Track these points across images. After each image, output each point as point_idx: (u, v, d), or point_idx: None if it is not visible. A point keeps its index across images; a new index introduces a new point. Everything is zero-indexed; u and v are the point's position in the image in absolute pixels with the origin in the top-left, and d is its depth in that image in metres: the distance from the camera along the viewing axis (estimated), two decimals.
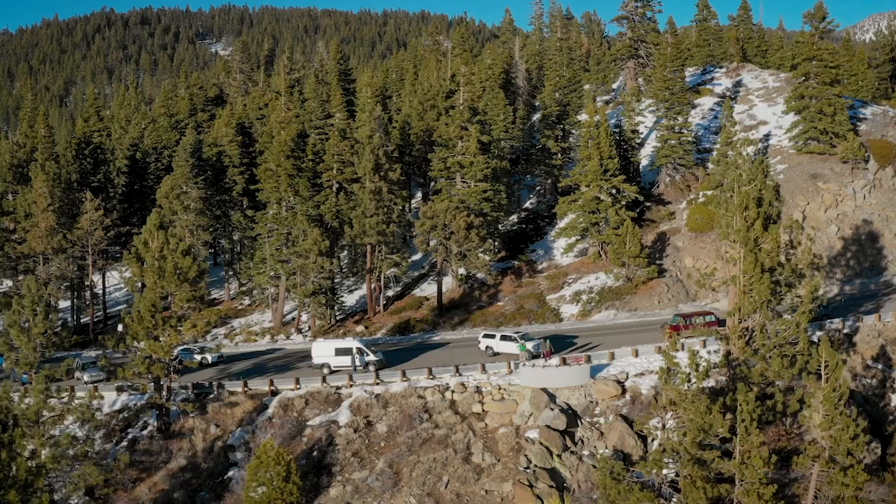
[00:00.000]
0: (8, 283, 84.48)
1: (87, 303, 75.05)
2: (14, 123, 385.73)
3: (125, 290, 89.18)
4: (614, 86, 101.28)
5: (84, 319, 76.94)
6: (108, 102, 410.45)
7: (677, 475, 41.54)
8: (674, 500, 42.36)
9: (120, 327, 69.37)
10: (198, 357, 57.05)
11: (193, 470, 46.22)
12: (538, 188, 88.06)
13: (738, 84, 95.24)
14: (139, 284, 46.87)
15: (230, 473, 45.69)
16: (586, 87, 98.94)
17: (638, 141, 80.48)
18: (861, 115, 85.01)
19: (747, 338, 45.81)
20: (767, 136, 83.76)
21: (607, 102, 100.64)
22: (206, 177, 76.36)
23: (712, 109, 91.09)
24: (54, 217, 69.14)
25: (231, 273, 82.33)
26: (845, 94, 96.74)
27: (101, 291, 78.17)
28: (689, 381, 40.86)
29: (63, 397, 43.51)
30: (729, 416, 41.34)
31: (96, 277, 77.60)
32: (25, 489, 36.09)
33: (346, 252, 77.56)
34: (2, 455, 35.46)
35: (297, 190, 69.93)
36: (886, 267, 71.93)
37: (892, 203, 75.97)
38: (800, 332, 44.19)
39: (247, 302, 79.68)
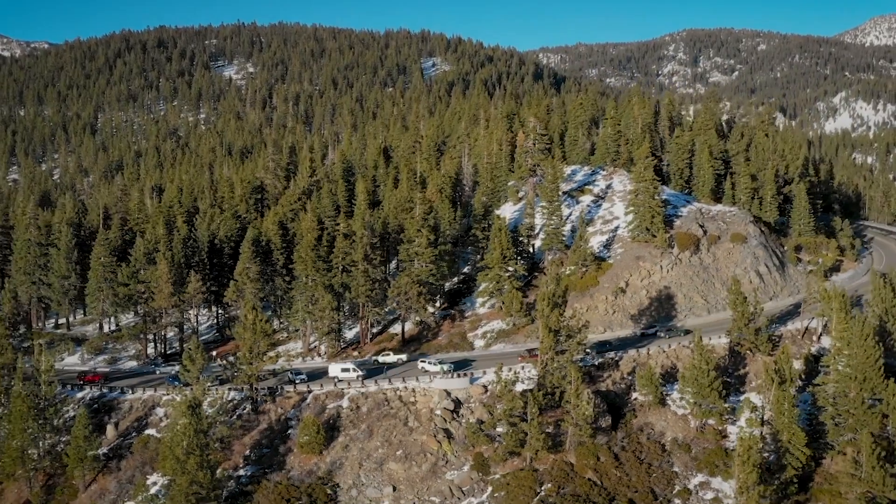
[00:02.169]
0: (126, 319, 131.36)
1: (189, 336, 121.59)
2: (51, 150, 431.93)
3: (205, 325, 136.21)
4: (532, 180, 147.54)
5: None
6: (137, 132, 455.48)
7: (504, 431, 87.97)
8: (503, 442, 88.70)
9: (213, 353, 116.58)
10: (292, 376, 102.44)
11: (270, 430, 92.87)
12: (471, 260, 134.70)
13: (609, 186, 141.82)
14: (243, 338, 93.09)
15: (289, 431, 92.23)
16: (511, 182, 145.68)
17: (533, 233, 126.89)
18: (680, 213, 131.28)
19: (545, 364, 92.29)
20: (616, 228, 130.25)
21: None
22: (260, 256, 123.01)
23: (589, 206, 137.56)
24: (171, 286, 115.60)
25: (274, 315, 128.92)
26: (679, 192, 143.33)
27: (195, 328, 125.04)
28: (507, 386, 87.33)
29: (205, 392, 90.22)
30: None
31: (194, 321, 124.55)
32: (205, 434, 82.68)
33: (347, 304, 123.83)
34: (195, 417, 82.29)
35: (317, 269, 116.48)
36: (675, 316, 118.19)
37: (686, 275, 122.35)
38: (567, 362, 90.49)
39: (284, 335, 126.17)
